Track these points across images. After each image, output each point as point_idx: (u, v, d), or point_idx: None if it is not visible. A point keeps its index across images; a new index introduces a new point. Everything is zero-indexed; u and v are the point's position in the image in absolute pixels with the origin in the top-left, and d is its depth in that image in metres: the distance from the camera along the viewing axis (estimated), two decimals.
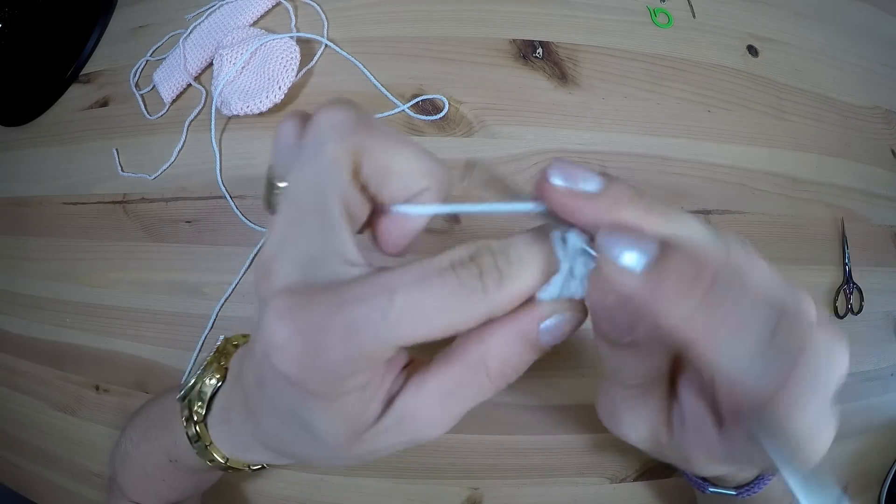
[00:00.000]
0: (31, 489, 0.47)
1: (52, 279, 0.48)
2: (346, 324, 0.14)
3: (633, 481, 0.41)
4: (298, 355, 0.15)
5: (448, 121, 0.44)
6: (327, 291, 0.15)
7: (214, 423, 0.27)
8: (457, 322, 0.15)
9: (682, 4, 0.48)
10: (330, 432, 0.17)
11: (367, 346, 0.15)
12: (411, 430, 0.17)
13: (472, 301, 0.15)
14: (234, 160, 0.45)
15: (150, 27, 0.52)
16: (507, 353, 0.17)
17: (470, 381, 0.17)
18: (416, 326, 0.15)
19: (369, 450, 0.17)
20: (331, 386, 0.15)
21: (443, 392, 0.17)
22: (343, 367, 0.15)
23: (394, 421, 0.17)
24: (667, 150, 0.44)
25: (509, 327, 0.17)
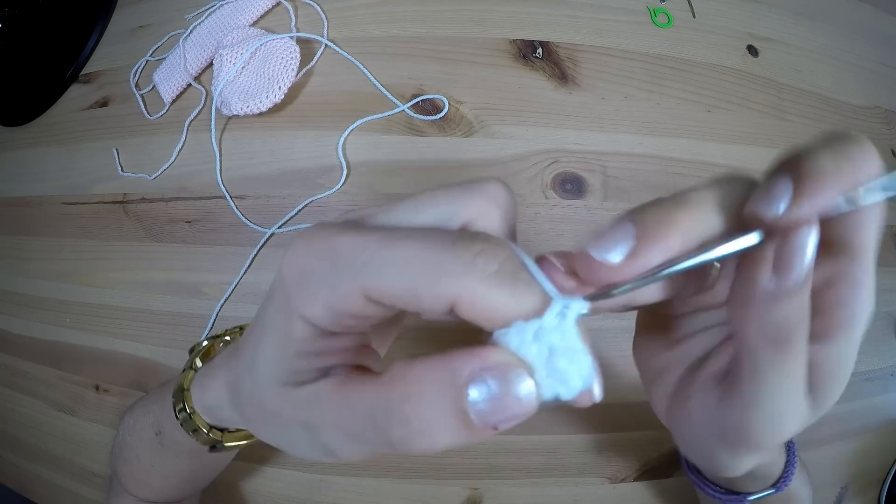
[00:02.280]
0: (31, 489, 0.47)
1: (52, 279, 0.48)
2: (335, 250, 0.15)
3: (633, 481, 0.41)
4: (295, 252, 0.15)
5: (448, 121, 0.44)
6: (346, 223, 0.16)
7: (200, 375, 0.28)
8: (417, 285, 0.14)
9: (682, 4, 0.48)
10: (265, 360, 0.17)
11: (340, 278, 0.15)
12: (315, 423, 0.16)
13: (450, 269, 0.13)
14: (235, 160, 0.45)
15: (150, 27, 0.52)
16: (431, 406, 0.13)
17: (381, 421, 0.14)
18: (381, 272, 0.14)
19: (293, 417, 0.17)
20: (301, 298, 0.15)
21: (355, 413, 0.15)
22: (318, 285, 0.15)
23: (314, 391, 0.16)
24: (667, 150, 0.44)
25: (440, 370, 0.13)
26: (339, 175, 0.43)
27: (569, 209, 0.42)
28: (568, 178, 0.43)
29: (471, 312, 0.13)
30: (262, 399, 0.18)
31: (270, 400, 0.17)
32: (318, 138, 0.44)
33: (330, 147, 0.44)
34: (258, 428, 0.19)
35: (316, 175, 0.44)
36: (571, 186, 0.43)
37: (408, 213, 0.16)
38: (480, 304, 0.13)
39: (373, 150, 0.44)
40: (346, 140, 0.44)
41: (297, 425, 0.17)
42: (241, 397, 0.19)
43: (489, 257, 0.14)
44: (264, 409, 0.18)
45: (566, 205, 0.43)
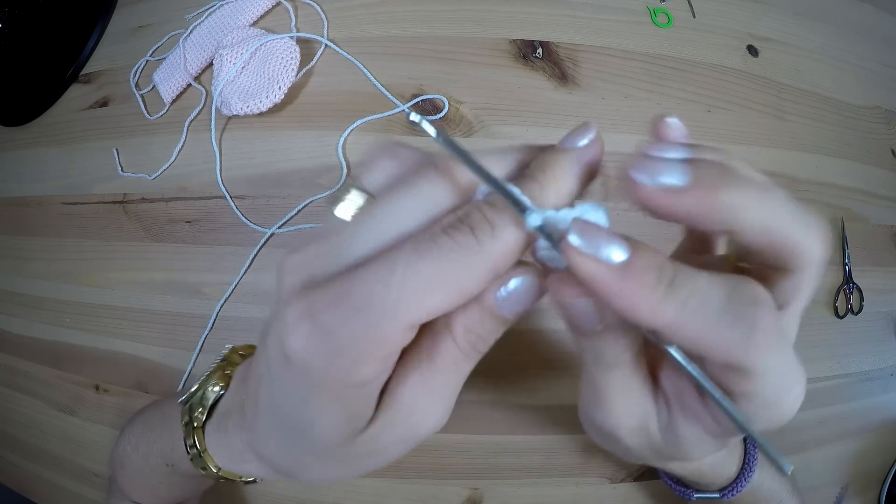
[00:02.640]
0: (31, 489, 0.47)
1: (52, 279, 0.48)
2: (350, 304, 0.14)
3: (633, 481, 0.41)
4: (305, 338, 0.15)
5: (448, 121, 0.44)
6: (335, 279, 0.15)
7: (212, 430, 0.27)
8: (461, 283, 0.15)
9: (682, 4, 0.48)
10: (326, 430, 0.16)
11: (374, 325, 0.14)
12: (408, 423, 0.17)
13: (471, 257, 0.15)
14: (235, 160, 0.45)
15: (150, 27, 0.52)
16: (467, 320, 0.16)
17: (441, 352, 0.16)
18: (421, 295, 0.14)
19: (367, 451, 0.17)
20: (341, 372, 0.15)
21: (422, 373, 0.17)
22: (352, 348, 0.15)
23: (389, 416, 0.17)
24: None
25: None
26: (340, 175, 0.43)
27: None
28: None
29: (508, 260, 0.15)
30: (332, 458, 0.18)
31: (343, 454, 0.17)
32: (318, 138, 0.44)
33: (330, 147, 0.44)
34: (318, 477, 0.19)
35: (316, 175, 0.44)
36: None
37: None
38: (510, 253, 0.15)
39: None
40: (346, 140, 0.44)
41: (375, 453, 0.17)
42: (294, 471, 0.19)
43: (481, 226, 0.15)
44: (334, 465, 0.18)
45: None
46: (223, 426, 0.26)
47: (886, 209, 0.47)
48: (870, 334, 0.44)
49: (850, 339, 0.44)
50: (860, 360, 0.44)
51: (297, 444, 0.18)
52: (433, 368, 0.16)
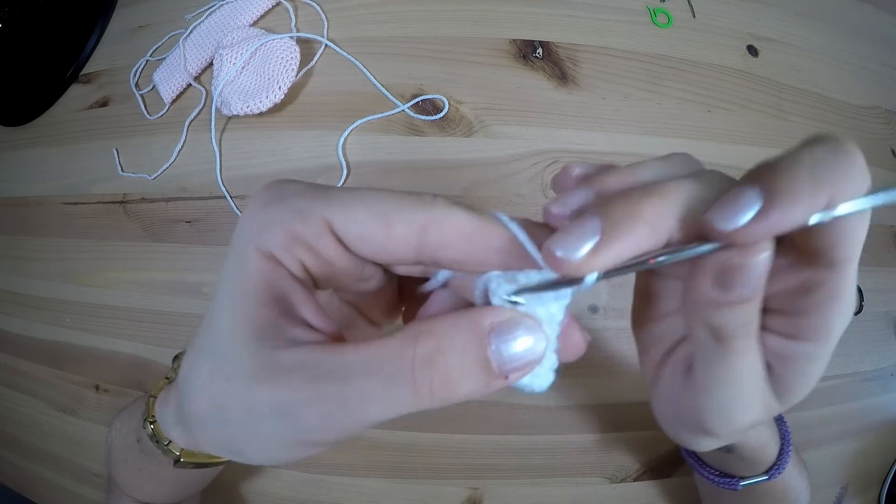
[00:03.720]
0: (31, 489, 0.47)
1: (52, 279, 0.48)
2: (297, 191, 0.15)
3: (633, 481, 0.41)
4: (259, 200, 0.16)
5: (448, 121, 0.44)
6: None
7: (160, 400, 0.27)
8: (386, 214, 0.15)
9: (682, 4, 0.48)
10: (228, 316, 0.15)
11: (302, 207, 0.15)
12: (289, 399, 0.15)
13: (409, 199, 0.15)
14: (235, 160, 0.45)
15: (150, 27, 0.52)
16: (460, 352, 0.14)
17: (393, 368, 0.14)
18: (348, 207, 0.15)
19: (244, 392, 0.15)
20: (262, 227, 0.15)
21: (357, 367, 0.14)
22: (279, 215, 0.15)
23: (290, 363, 0.15)
24: (667, 150, 0.44)
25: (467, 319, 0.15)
26: (339, 175, 0.43)
27: None
28: None
29: (443, 232, 0.15)
30: (226, 383, 0.15)
31: (237, 382, 0.15)
32: (318, 138, 0.44)
33: (330, 147, 0.44)
34: (211, 434, 0.17)
35: (316, 175, 0.44)
36: None
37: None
38: (449, 227, 0.15)
39: (373, 150, 0.44)
40: (346, 140, 0.44)
41: (269, 413, 0.15)
42: (192, 395, 0.16)
43: (447, 199, 0.15)
44: (224, 399, 0.15)
45: None
46: (169, 393, 0.26)
47: (886, 209, 0.47)
48: (870, 334, 0.44)
49: (850, 339, 0.44)
50: (860, 360, 0.44)
51: (203, 355, 0.16)
52: (368, 383, 0.14)
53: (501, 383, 0.15)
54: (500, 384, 0.15)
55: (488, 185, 0.43)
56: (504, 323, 0.15)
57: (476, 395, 0.15)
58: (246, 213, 0.16)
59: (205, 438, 0.17)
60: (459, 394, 0.14)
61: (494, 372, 0.14)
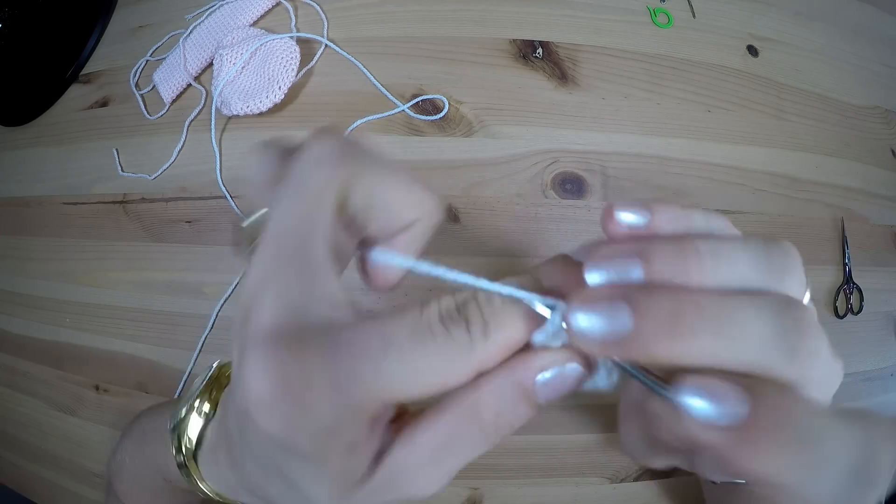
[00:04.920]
0: (32, 489, 0.47)
1: (52, 279, 0.48)
2: (335, 378, 0.14)
3: (633, 481, 0.41)
4: (282, 412, 0.14)
5: (448, 121, 0.44)
6: (312, 341, 0.14)
7: (204, 460, 0.25)
8: (448, 379, 0.15)
9: (682, 4, 0.48)
10: (316, 493, 0.16)
11: (356, 402, 0.14)
12: (402, 489, 0.16)
13: (461, 355, 0.15)
14: (234, 160, 0.45)
15: (150, 27, 0.52)
16: (501, 405, 0.15)
17: (463, 433, 0.16)
18: (409, 383, 0.14)
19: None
20: (317, 444, 0.14)
21: (434, 446, 0.16)
22: (330, 423, 0.14)
23: (384, 480, 0.16)
24: (667, 150, 0.44)
25: (504, 377, 0.16)
26: None
27: (569, 209, 0.42)
28: (568, 178, 0.43)
29: (494, 363, 0.15)
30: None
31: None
32: None
33: None
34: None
35: None
36: (571, 186, 0.43)
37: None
38: (498, 354, 0.15)
39: None
40: None
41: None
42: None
43: (475, 323, 0.15)
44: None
45: (566, 205, 0.42)
46: (214, 459, 0.25)
47: (886, 209, 0.47)
48: (870, 334, 0.44)
49: (850, 339, 0.44)
50: (860, 360, 0.44)
51: (289, 496, 0.17)
52: (449, 447, 0.16)
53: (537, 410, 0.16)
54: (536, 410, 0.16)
55: (488, 185, 0.43)
56: (554, 364, 0.16)
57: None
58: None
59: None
60: (517, 426, 0.16)
61: (541, 404, 0.16)
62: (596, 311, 0.14)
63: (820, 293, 0.44)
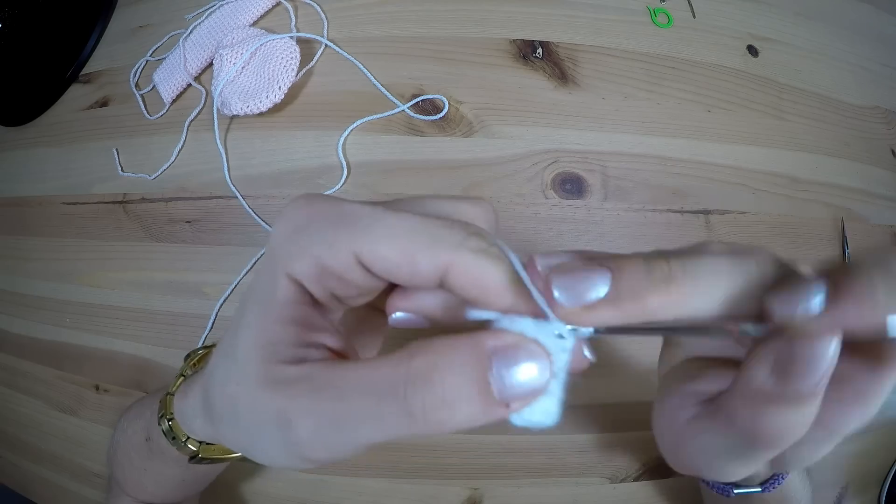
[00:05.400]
0: (32, 489, 0.47)
1: (52, 279, 0.48)
2: (330, 214, 0.16)
3: (633, 481, 0.41)
4: (288, 221, 0.16)
5: (448, 121, 0.44)
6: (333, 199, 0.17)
7: (179, 393, 0.27)
8: (413, 251, 0.15)
9: (682, 4, 0.48)
10: (251, 320, 0.16)
11: (331, 237, 0.15)
12: (287, 409, 0.15)
13: (438, 237, 0.15)
14: (234, 160, 0.45)
15: (150, 27, 0.52)
16: (456, 379, 0.14)
17: (388, 396, 0.14)
18: (377, 240, 0.15)
19: (253, 395, 0.16)
20: (288, 253, 0.16)
21: (346, 392, 0.15)
22: (307, 242, 0.16)
23: (298, 377, 0.15)
24: (667, 150, 0.44)
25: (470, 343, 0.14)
26: (340, 175, 0.43)
27: (569, 209, 0.42)
28: (568, 178, 0.43)
29: (462, 279, 0.15)
30: (238, 381, 0.16)
31: (246, 381, 0.16)
32: (318, 138, 0.44)
33: (330, 147, 0.44)
34: (226, 426, 0.17)
35: (316, 175, 0.44)
36: (571, 186, 0.43)
37: (406, 205, 0.17)
38: (472, 273, 0.15)
39: (373, 150, 0.44)
40: (346, 140, 0.44)
41: (270, 420, 0.15)
42: (213, 389, 0.18)
43: (481, 239, 0.15)
44: (237, 395, 0.16)
45: (566, 205, 0.43)
46: (195, 375, 0.27)
47: (886, 209, 0.47)
48: None
49: None
50: None
51: (226, 356, 0.17)
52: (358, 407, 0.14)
53: (501, 412, 0.14)
54: (499, 413, 0.14)
55: (488, 185, 0.43)
56: (509, 347, 0.14)
57: (474, 422, 0.14)
58: (278, 234, 0.16)
59: (222, 432, 0.18)
60: (455, 418, 0.14)
61: (494, 398, 0.14)
62: (575, 287, 0.14)
63: None
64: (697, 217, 0.43)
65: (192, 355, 0.30)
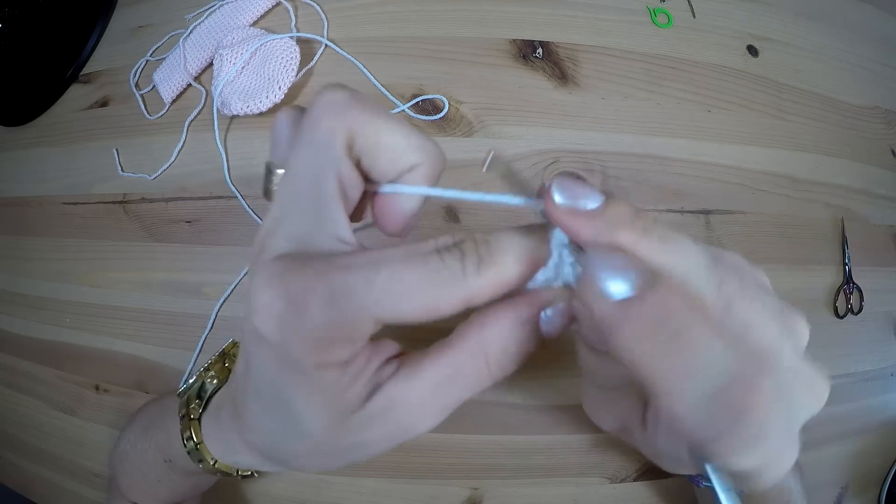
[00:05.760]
0: (32, 489, 0.47)
1: (52, 279, 0.48)
2: (330, 289, 0.15)
3: (633, 481, 0.41)
4: (278, 315, 0.15)
5: (448, 121, 0.44)
6: (315, 263, 0.15)
7: (207, 422, 0.27)
8: (436, 303, 0.15)
9: (682, 4, 0.48)
10: (310, 412, 0.16)
11: (349, 314, 0.15)
12: (400, 420, 0.17)
13: (452, 283, 0.15)
14: (234, 160, 0.45)
15: (150, 27, 0.52)
16: (507, 340, 0.17)
17: (468, 367, 0.17)
18: (399, 301, 0.15)
19: (355, 442, 0.17)
20: (309, 351, 0.15)
21: (438, 379, 0.17)
22: (323, 331, 0.15)
23: (380, 407, 0.16)
24: (667, 150, 0.44)
25: (510, 313, 0.17)
26: None
27: None
28: None
29: (483, 297, 0.16)
30: (318, 449, 0.17)
31: (329, 444, 0.17)
32: None
33: None
34: (318, 466, 0.18)
35: None
36: None
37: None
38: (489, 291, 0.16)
39: None
40: None
41: (356, 446, 0.17)
42: (283, 459, 0.19)
43: (470, 257, 0.16)
44: (321, 455, 0.17)
45: None
46: (218, 417, 0.26)
47: (886, 209, 0.47)
48: (870, 334, 0.44)
49: (850, 339, 0.44)
50: (860, 360, 0.44)
51: (285, 427, 0.17)
52: (452, 380, 0.17)
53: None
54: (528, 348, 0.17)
55: (488, 185, 0.43)
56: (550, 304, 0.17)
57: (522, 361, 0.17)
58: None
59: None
60: (514, 365, 0.17)
61: (542, 333, 0.18)
62: (574, 190, 0.17)
63: (820, 293, 0.44)
64: (697, 217, 0.43)
65: (210, 369, 0.30)
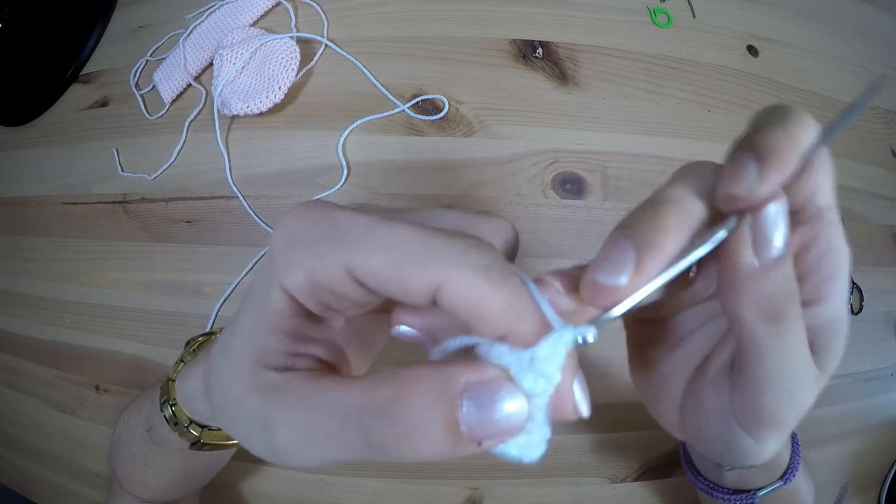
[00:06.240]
0: (32, 489, 0.47)
1: (52, 279, 0.48)
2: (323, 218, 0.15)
3: (633, 481, 0.41)
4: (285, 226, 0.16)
5: (448, 121, 0.44)
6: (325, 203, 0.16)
7: (180, 379, 0.28)
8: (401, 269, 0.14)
9: (682, 4, 0.48)
10: (244, 327, 0.16)
11: (322, 251, 0.15)
12: (268, 415, 0.15)
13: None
14: (234, 160, 0.45)
15: (150, 27, 0.52)
16: (412, 415, 0.13)
17: (351, 423, 0.14)
18: (369, 253, 0.14)
19: (259, 410, 0.15)
20: (283, 269, 0.15)
21: (317, 421, 0.14)
22: (301, 257, 0.15)
23: (274, 383, 0.15)
24: (667, 150, 0.44)
25: (428, 388, 0.13)
26: (340, 175, 0.43)
27: (569, 209, 0.42)
28: (568, 178, 0.43)
29: (454, 300, 0.13)
30: (230, 378, 0.16)
31: (236, 380, 0.16)
32: (318, 138, 0.44)
33: (330, 147, 0.44)
34: (221, 415, 0.17)
35: (316, 175, 0.44)
36: (571, 186, 0.43)
37: (409, 215, 0.17)
38: (465, 293, 0.13)
39: (373, 150, 0.44)
40: (346, 140, 0.44)
41: (254, 421, 0.15)
42: (212, 379, 0.18)
43: (482, 253, 0.14)
44: (230, 392, 0.16)
45: (566, 205, 0.43)
46: (196, 358, 0.28)
47: (886, 209, 0.47)
48: (870, 334, 0.44)
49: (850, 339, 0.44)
50: (860, 360, 0.44)
51: (223, 351, 0.17)
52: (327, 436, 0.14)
53: (471, 449, 0.13)
54: (469, 450, 0.13)
55: (488, 185, 0.43)
56: (484, 383, 0.13)
57: (441, 457, 0.13)
58: (275, 243, 0.16)
59: (219, 419, 0.19)
60: (418, 453, 0.13)
61: (463, 437, 0.13)
62: (607, 259, 0.15)
63: None
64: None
65: (192, 342, 0.31)
